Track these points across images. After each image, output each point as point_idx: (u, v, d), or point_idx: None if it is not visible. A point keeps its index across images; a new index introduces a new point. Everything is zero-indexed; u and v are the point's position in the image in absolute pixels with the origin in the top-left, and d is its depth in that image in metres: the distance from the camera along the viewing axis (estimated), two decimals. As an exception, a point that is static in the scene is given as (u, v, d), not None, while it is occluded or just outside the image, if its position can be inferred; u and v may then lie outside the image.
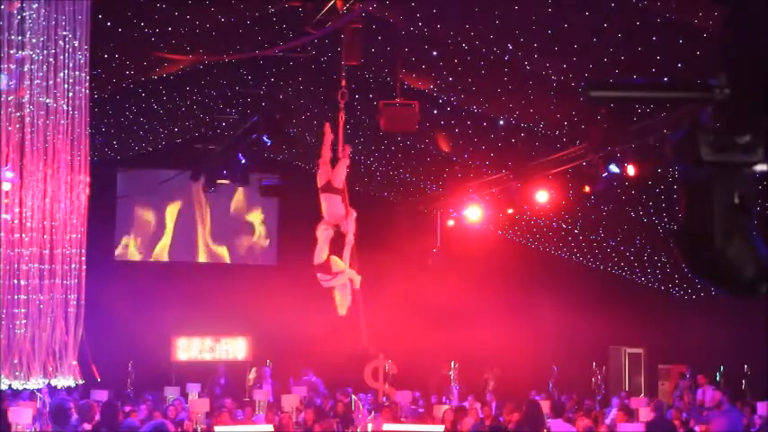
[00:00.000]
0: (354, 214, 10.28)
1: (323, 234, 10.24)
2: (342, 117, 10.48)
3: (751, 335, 15.09)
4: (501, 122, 14.15)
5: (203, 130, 18.76)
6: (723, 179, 1.93)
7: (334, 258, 10.16)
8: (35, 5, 9.63)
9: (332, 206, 10.28)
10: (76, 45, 9.81)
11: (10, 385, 9.93)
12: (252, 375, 19.36)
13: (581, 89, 1.97)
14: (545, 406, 12.37)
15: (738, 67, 1.91)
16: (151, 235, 21.01)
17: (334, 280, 10.16)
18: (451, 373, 19.08)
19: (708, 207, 1.93)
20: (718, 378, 17.02)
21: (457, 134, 15.25)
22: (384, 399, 17.46)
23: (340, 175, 10.36)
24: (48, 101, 9.79)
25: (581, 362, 18.70)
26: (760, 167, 1.92)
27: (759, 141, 1.88)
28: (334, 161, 10.47)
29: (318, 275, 10.21)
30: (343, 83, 10.45)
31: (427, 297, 18.55)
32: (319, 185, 10.42)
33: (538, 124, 13.75)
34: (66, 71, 9.83)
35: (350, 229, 10.16)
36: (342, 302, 10.29)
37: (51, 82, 9.79)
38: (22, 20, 9.58)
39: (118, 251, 20.79)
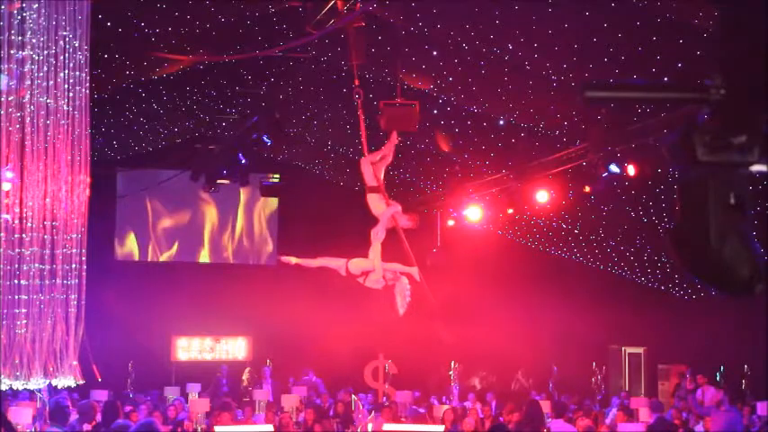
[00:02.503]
0: (393, 209, 10.14)
1: (374, 235, 10.14)
2: (361, 116, 10.49)
3: (751, 335, 15.09)
4: (501, 122, 14.15)
5: (203, 130, 18.77)
6: (719, 179, 1.93)
7: (352, 261, 10.08)
8: (35, 5, 9.64)
9: (373, 205, 10.21)
10: (76, 45, 9.81)
11: (11, 386, 9.93)
12: (245, 376, 19.36)
13: (578, 90, 1.97)
14: (545, 406, 12.38)
15: (734, 67, 1.92)
16: (151, 235, 21.01)
17: (368, 280, 10.06)
18: (452, 373, 19.08)
19: (704, 207, 1.94)
20: (718, 378, 17.02)
21: (457, 134, 15.25)
22: (384, 399, 17.47)
23: (366, 172, 10.33)
24: (48, 101, 9.80)
25: (581, 362, 18.70)
26: (756, 167, 1.92)
27: (755, 141, 1.89)
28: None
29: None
30: (357, 81, 10.44)
31: (427, 297, 18.53)
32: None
33: (538, 124, 13.75)
34: (66, 71, 9.83)
35: (381, 225, 10.04)
36: (400, 302, 10.12)
37: (52, 82, 9.79)
38: (23, 20, 9.58)
39: (119, 252, 20.80)
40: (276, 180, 19.51)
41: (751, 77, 1.90)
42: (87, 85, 10.04)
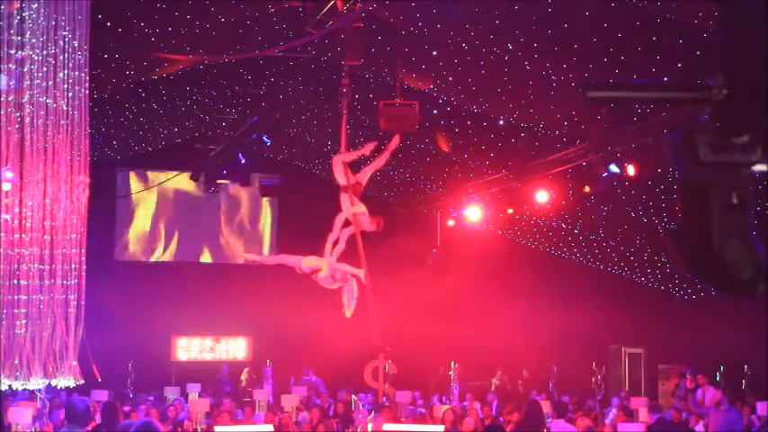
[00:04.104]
0: (353, 209, 10.21)
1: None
2: (344, 114, 10.50)
3: (751, 335, 15.07)
4: (501, 122, 14.15)
5: (203, 130, 18.75)
6: (721, 179, 1.92)
7: (304, 259, 10.23)
8: (35, 5, 9.63)
9: (344, 204, 10.31)
10: (76, 45, 9.81)
11: (10, 386, 9.93)
12: (244, 377, 19.32)
13: (579, 89, 1.97)
14: (545, 406, 12.36)
15: (736, 67, 1.91)
16: (151, 235, 21.00)
17: (319, 279, 10.20)
18: (452, 373, 19.07)
19: (706, 207, 1.93)
20: (718, 378, 17.01)
21: (457, 134, 15.24)
22: (384, 399, 17.46)
23: (336, 171, 10.42)
24: (47, 101, 9.79)
25: (581, 362, 18.68)
26: (758, 167, 1.92)
27: (757, 141, 1.88)
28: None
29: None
30: (345, 81, 10.45)
31: (427, 297, 18.55)
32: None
33: (538, 124, 13.75)
34: (65, 71, 9.82)
35: (336, 225, 10.19)
36: (346, 303, 10.24)
37: (51, 82, 9.78)
38: (22, 20, 9.58)
39: (119, 251, 20.78)
40: (276, 180, 19.50)
41: (753, 78, 1.89)
42: (87, 85, 10.04)
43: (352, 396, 15.95)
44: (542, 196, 14.87)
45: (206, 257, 21.24)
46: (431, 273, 18.77)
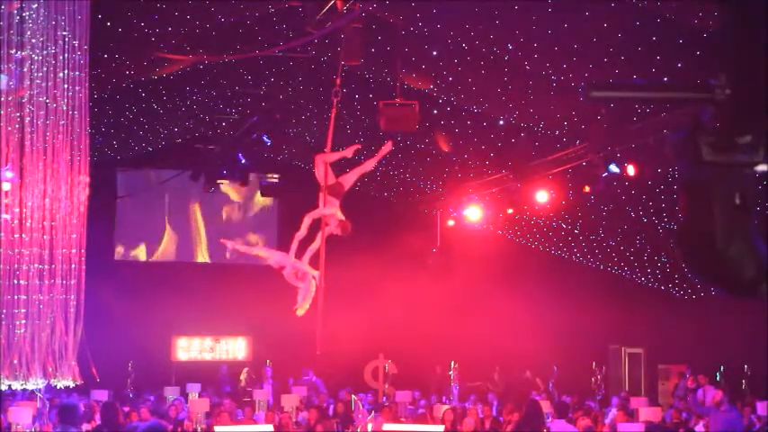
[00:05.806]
0: (320, 212, 10.35)
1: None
2: (333, 114, 10.50)
3: (751, 335, 15.08)
4: (501, 122, 14.15)
5: (203, 130, 18.75)
6: (724, 179, 1.92)
7: (272, 254, 10.38)
8: (35, 5, 9.63)
9: (320, 203, 10.44)
10: (76, 45, 9.81)
11: (9, 385, 9.92)
12: (243, 377, 19.32)
13: (581, 90, 1.96)
14: (545, 406, 12.36)
15: (739, 67, 1.91)
16: (151, 235, 20.99)
17: (285, 274, 10.36)
18: (452, 372, 19.07)
19: (709, 207, 1.93)
20: (718, 378, 17.01)
21: (457, 134, 15.24)
22: (384, 399, 17.46)
23: (318, 170, 10.51)
24: (47, 101, 9.79)
25: (581, 362, 18.69)
26: (761, 168, 1.91)
27: (760, 141, 1.88)
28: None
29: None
30: (338, 81, 10.44)
31: (427, 297, 18.55)
32: None
33: (538, 124, 13.75)
34: (65, 71, 9.82)
35: (304, 224, 10.33)
36: (300, 301, 10.40)
37: (51, 82, 9.79)
38: (22, 20, 9.58)
39: (119, 252, 20.78)
40: (276, 180, 19.49)
41: (755, 77, 1.89)
42: (87, 85, 10.04)
43: (352, 396, 15.95)
44: (542, 196, 14.88)
45: (206, 257, 21.24)
46: (431, 273, 18.77)
